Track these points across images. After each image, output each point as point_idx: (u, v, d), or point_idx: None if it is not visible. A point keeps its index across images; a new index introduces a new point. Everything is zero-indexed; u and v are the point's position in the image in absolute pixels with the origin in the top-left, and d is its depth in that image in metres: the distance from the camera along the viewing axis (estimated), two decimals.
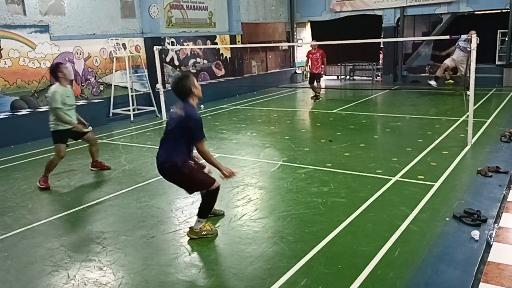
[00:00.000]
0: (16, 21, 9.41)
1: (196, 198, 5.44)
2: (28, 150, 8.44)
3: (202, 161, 4.64)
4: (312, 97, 13.13)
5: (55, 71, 6.04)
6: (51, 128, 6.09)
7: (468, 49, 11.88)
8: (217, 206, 5.12)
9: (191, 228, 4.40)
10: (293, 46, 18.27)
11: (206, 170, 4.76)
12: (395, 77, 16.59)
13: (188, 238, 4.35)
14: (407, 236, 4.18)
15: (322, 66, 13.13)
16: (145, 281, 3.65)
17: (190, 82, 4.32)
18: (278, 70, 17.76)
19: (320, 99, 13.16)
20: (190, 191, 4.52)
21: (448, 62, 13.07)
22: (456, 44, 12.71)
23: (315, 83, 13.15)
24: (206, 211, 4.41)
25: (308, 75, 13.77)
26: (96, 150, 6.81)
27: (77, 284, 3.65)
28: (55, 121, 6.04)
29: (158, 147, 4.50)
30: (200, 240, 4.31)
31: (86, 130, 6.44)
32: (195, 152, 4.56)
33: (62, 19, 10.26)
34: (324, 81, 18.45)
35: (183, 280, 3.63)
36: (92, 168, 6.86)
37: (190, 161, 4.48)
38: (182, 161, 4.31)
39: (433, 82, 13.11)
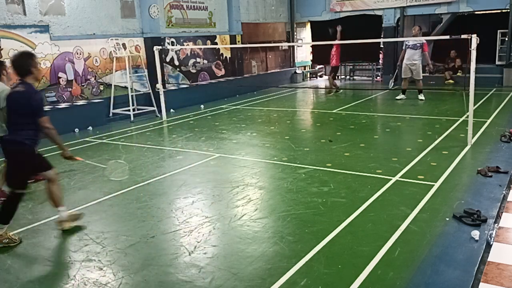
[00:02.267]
0: (16, 21, 9.41)
1: (196, 198, 5.45)
2: None
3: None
4: (331, 92, 13.93)
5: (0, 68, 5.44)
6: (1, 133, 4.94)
7: (418, 45, 11.70)
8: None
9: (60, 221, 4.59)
10: (293, 46, 18.26)
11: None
12: (395, 77, 16.56)
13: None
14: (407, 236, 4.18)
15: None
16: (145, 281, 3.65)
17: (33, 61, 4.42)
18: (278, 70, 17.76)
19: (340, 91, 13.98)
20: (8, 180, 4.45)
21: (403, 71, 12.18)
22: (404, 46, 12.13)
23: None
24: (9, 215, 4.40)
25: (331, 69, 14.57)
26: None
27: (77, 284, 3.65)
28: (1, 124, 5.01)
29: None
30: (200, 240, 4.31)
31: None
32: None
33: (62, 19, 10.26)
34: (324, 81, 18.49)
35: (183, 280, 3.63)
36: None
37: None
38: (29, 143, 4.34)
39: (421, 96, 12.18)
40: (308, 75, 19.21)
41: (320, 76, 19.61)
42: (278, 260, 3.86)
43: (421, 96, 12.12)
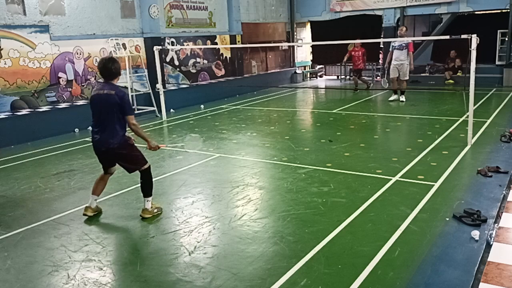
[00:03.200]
0: (16, 21, 9.41)
1: (196, 198, 5.45)
2: (28, 150, 8.44)
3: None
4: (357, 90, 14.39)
5: None
6: None
7: (403, 45, 11.68)
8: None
9: (144, 209, 4.89)
10: (293, 46, 18.26)
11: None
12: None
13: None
14: (407, 236, 4.18)
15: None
16: (145, 281, 3.65)
17: (119, 65, 4.83)
18: (278, 70, 17.76)
19: (358, 91, 14.28)
20: (133, 168, 4.94)
21: (391, 71, 12.16)
22: (391, 47, 12.14)
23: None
24: (148, 189, 4.94)
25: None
26: None
27: (77, 284, 3.65)
28: None
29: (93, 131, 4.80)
30: (200, 240, 4.31)
31: None
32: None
33: (62, 19, 10.26)
34: (324, 81, 18.50)
35: (183, 280, 3.63)
36: None
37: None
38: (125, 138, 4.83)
39: (402, 97, 12.04)
40: (308, 75, 19.21)
41: (320, 76, 19.61)
42: (278, 260, 3.86)
43: (402, 98, 11.95)
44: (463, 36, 6.97)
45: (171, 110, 11.95)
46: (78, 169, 7.01)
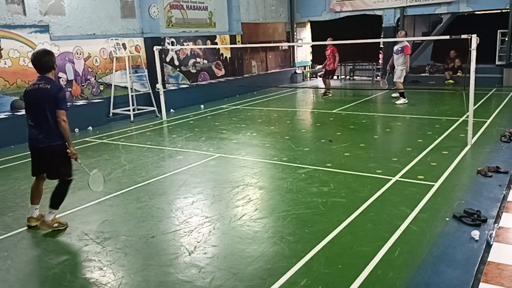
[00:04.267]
0: (16, 21, 9.41)
1: (196, 198, 5.45)
2: (28, 150, 8.41)
3: None
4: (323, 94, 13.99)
5: None
6: None
7: (399, 49, 11.63)
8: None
9: (43, 221, 4.69)
10: (293, 46, 18.26)
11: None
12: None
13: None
14: (407, 236, 4.18)
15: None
16: (145, 281, 3.65)
17: (54, 58, 4.67)
18: (278, 70, 17.76)
19: (330, 95, 13.86)
20: (56, 174, 4.69)
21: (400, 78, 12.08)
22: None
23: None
24: (59, 201, 4.73)
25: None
26: None
27: (77, 284, 3.65)
28: None
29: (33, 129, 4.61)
30: (200, 240, 4.31)
31: None
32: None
33: (62, 19, 10.26)
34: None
35: (183, 280, 3.63)
36: None
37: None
38: (61, 138, 4.57)
39: (402, 100, 11.90)
40: (308, 75, 19.22)
41: (320, 76, 19.59)
42: (278, 260, 3.86)
43: (400, 101, 11.75)
44: (463, 36, 6.97)
45: (171, 110, 11.95)
46: (78, 169, 6.97)
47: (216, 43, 14.79)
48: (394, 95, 12.45)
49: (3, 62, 9.23)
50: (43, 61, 4.56)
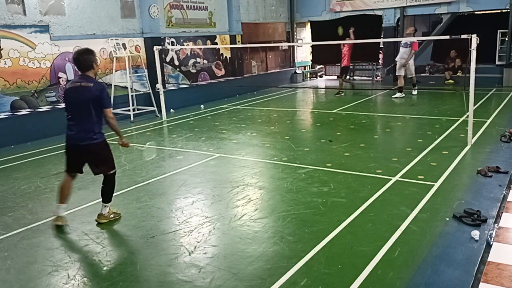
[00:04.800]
0: (16, 21, 9.41)
1: (196, 198, 5.45)
2: (28, 150, 8.44)
3: None
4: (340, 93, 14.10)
5: None
6: None
7: (408, 43, 12.23)
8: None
9: (99, 214, 4.81)
10: (293, 46, 18.26)
11: None
12: (395, 77, 16.57)
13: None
14: (407, 236, 4.18)
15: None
16: (145, 281, 3.65)
17: (95, 57, 4.69)
18: (278, 70, 17.76)
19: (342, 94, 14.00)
20: (101, 169, 4.79)
21: (398, 71, 12.86)
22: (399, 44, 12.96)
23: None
24: (111, 194, 4.86)
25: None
26: None
27: (77, 284, 3.65)
28: None
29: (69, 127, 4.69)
30: (200, 240, 4.31)
31: None
32: None
33: (62, 19, 10.26)
34: (324, 81, 18.50)
35: (183, 280, 3.63)
36: None
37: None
38: (102, 135, 4.75)
39: (398, 95, 12.63)
40: (308, 75, 19.21)
41: (320, 76, 19.61)
42: (278, 260, 3.86)
43: (414, 92, 12.43)
44: (463, 36, 6.97)
45: (171, 110, 11.95)
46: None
47: (216, 43, 14.79)
48: (414, 92, 12.86)
49: (3, 62, 9.22)
50: (82, 59, 4.57)
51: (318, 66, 19.55)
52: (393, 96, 12.19)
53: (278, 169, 6.49)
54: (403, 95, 12.19)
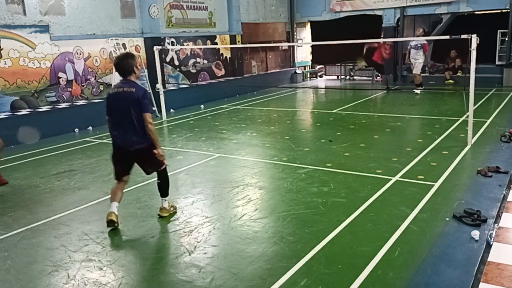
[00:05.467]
0: (16, 21, 9.41)
1: (196, 198, 5.45)
2: (28, 150, 8.43)
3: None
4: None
5: None
6: None
7: (419, 45, 12.99)
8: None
9: (161, 208, 4.90)
10: (293, 46, 18.26)
11: None
12: (395, 77, 16.59)
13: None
14: (407, 236, 4.18)
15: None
16: (145, 281, 3.65)
17: (135, 61, 4.63)
18: (278, 70, 17.76)
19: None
20: (154, 168, 4.84)
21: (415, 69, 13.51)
22: (408, 47, 13.52)
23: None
24: (167, 188, 4.92)
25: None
26: None
27: (77, 284, 3.65)
28: None
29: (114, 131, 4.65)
30: (200, 240, 4.31)
31: None
32: None
33: (62, 19, 10.26)
34: (324, 81, 18.49)
35: (183, 280, 3.63)
36: None
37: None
38: (147, 138, 4.63)
39: (419, 90, 13.31)
40: (308, 75, 19.21)
41: (320, 76, 19.61)
42: (278, 260, 3.86)
43: (417, 91, 13.01)
44: (463, 36, 6.97)
45: (171, 110, 11.95)
46: (78, 169, 7.01)
47: (216, 43, 14.79)
48: (416, 91, 13.32)
49: (3, 62, 9.23)
50: (122, 64, 4.55)
51: (318, 66, 19.55)
52: (416, 92, 13.07)
53: (278, 169, 6.48)
54: (423, 88, 13.06)
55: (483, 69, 12.89)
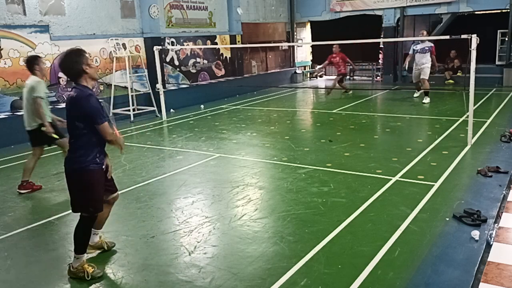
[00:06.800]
0: (16, 21, 9.41)
1: (196, 198, 5.45)
2: (28, 150, 8.40)
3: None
4: (343, 92, 14.05)
5: (33, 63, 5.87)
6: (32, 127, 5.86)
7: (426, 48, 11.58)
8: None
9: (69, 265, 3.77)
10: (293, 46, 18.26)
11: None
12: (395, 77, 16.59)
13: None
14: (407, 236, 4.18)
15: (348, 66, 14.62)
16: (145, 281, 3.65)
17: (82, 58, 3.58)
18: (278, 70, 17.75)
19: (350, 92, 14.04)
20: (76, 207, 3.73)
21: (414, 76, 12.05)
22: (411, 50, 12.04)
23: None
24: (83, 243, 3.72)
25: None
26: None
27: (77, 284, 3.65)
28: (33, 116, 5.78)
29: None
30: (200, 240, 4.31)
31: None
32: None
33: (62, 19, 10.26)
34: (324, 81, 18.49)
35: (183, 280, 3.63)
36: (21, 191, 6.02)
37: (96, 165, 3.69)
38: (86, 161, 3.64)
39: (425, 99, 11.76)
40: (308, 75, 19.21)
41: (320, 76, 19.60)
42: (278, 260, 3.86)
43: (426, 100, 11.61)
44: (463, 36, 6.96)
45: (171, 110, 11.95)
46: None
47: (216, 43, 14.79)
48: (415, 95, 12.44)
49: (3, 62, 9.22)
50: (65, 65, 3.64)
51: (318, 66, 19.54)
52: (424, 102, 11.57)
53: (278, 169, 6.48)
54: (429, 99, 11.70)
55: (483, 69, 12.88)
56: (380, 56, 17.31)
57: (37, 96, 5.70)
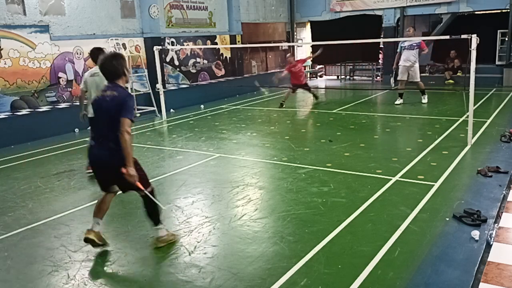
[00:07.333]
0: (16, 21, 9.41)
1: (196, 198, 5.45)
2: (28, 150, 8.43)
3: None
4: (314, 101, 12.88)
5: (97, 55, 5.85)
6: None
7: (414, 44, 11.05)
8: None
9: (156, 238, 4.18)
10: (293, 46, 18.26)
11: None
12: (395, 77, 16.57)
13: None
14: (407, 236, 4.18)
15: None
16: (145, 281, 3.65)
17: (124, 62, 4.09)
18: (278, 70, 17.71)
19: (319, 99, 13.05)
20: (129, 188, 4.10)
21: (400, 73, 11.42)
22: (399, 48, 11.47)
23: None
24: (157, 214, 4.17)
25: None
26: None
27: (77, 284, 3.65)
28: None
29: (94, 141, 4.25)
30: (200, 240, 4.31)
31: None
32: None
33: (62, 19, 10.26)
34: (324, 81, 18.49)
35: (183, 280, 3.63)
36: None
37: None
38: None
39: (424, 99, 11.49)
40: (308, 75, 19.20)
41: (320, 76, 19.60)
42: (278, 260, 3.86)
43: (424, 99, 11.48)
44: (463, 36, 6.96)
45: (171, 110, 11.95)
46: (78, 169, 7.01)
47: (216, 43, 14.79)
48: (424, 100, 11.62)
49: (3, 62, 9.23)
50: (110, 65, 4.03)
51: (318, 66, 19.55)
52: (395, 103, 11.43)
53: (278, 169, 6.48)
54: (402, 100, 11.53)
55: (483, 69, 12.87)
56: (380, 56, 17.31)
57: None
